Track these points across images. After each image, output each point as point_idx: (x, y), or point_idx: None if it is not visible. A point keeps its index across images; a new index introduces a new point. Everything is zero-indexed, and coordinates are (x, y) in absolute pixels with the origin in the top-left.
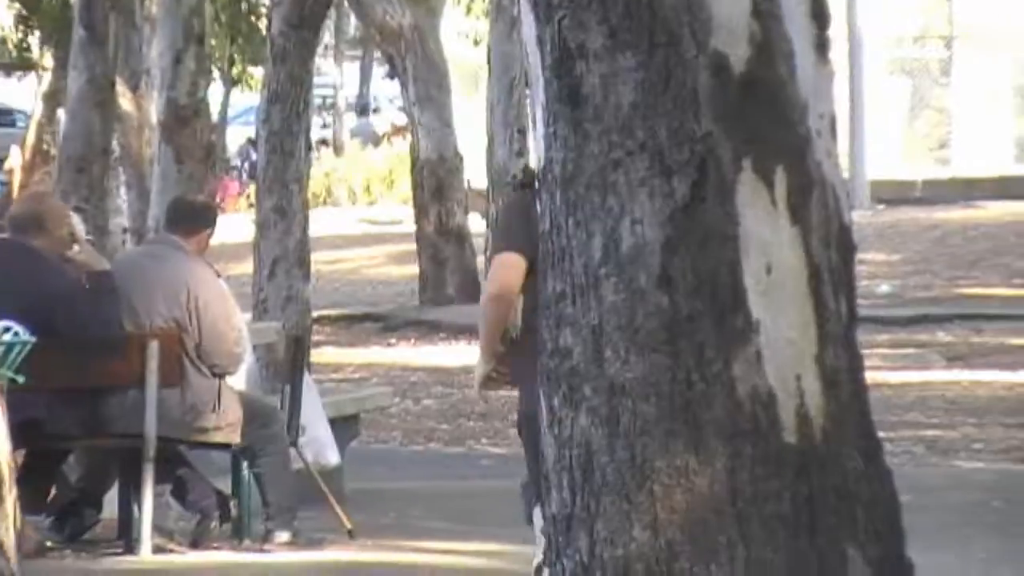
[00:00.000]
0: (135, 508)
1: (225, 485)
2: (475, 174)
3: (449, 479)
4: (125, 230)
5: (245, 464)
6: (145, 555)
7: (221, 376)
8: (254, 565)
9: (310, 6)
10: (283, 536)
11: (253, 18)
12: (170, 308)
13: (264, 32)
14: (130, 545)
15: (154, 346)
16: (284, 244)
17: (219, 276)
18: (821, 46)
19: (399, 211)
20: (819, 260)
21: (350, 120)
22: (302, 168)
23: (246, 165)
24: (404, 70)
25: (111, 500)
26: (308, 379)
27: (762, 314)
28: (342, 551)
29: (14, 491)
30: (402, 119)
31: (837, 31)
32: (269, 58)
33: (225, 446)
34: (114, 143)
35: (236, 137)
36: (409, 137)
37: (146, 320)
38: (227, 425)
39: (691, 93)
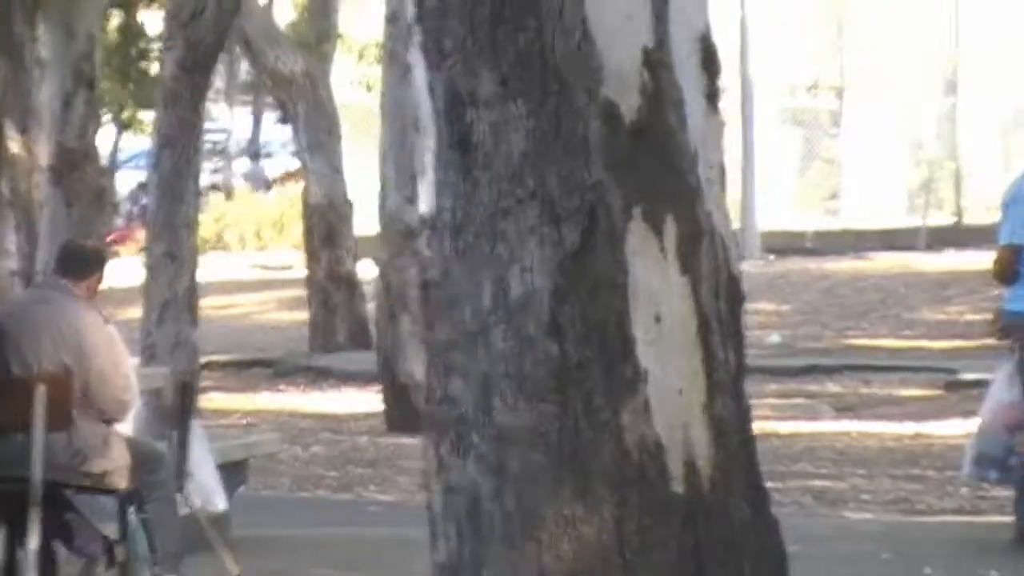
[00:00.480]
0: (20, 553)
1: (112, 530)
2: (368, 220)
3: (337, 526)
4: (13, 273)
5: (132, 509)
6: None
7: (108, 422)
8: None
9: (202, 51)
10: None
11: (144, 63)
12: (58, 352)
13: (154, 76)
14: None
15: (41, 390)
16: (174, 288)
17: (108, 321)
18: (712, 95)
19: (290, 256)
20: (708, 310)
21: (241, 165)
22: (192, 213)
23: (136, 209)
24: (295, 116)
25: None
26: (196, 425)
27: (651, 364)
28: None
29: None
30: (294, 164)
31: (729, 80)
32: (160, 102)
33: (112, 491)
34: (2, 186)
35: (127, 181)
36: (301, 182)
37: (34, 364)
38: (115, 470)
39: (582, 141)
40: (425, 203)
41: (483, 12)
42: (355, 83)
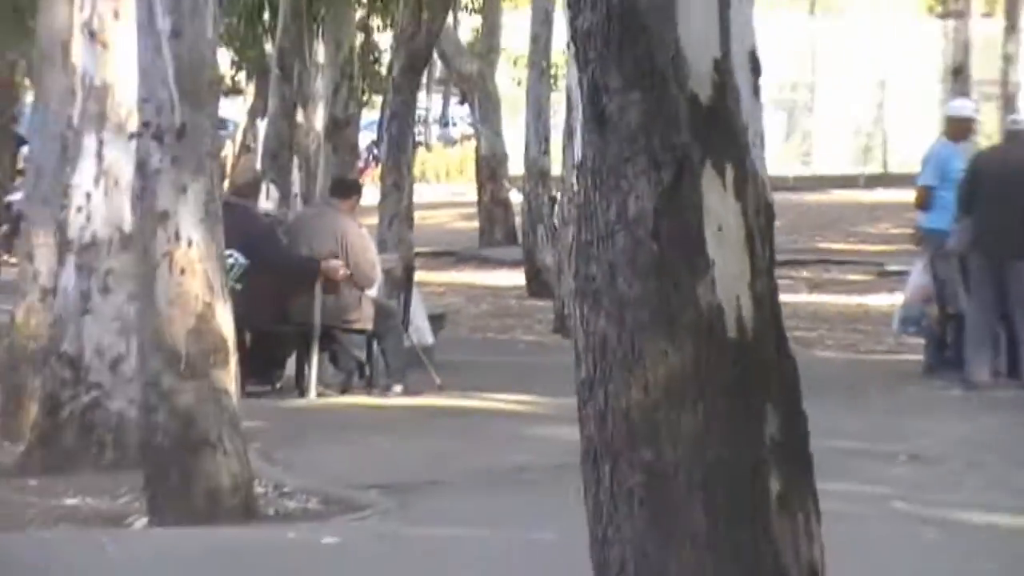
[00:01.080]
0: (306, 369)
1: (362, 356)
2: (517, 166)
3: (499, 355)
4: (296, 196)
5: (375, 343)
6: (312, 399)
7: (361, 288)
8: (380, 405)
9: (417, 58)
10: (398, 388)
11: (377, 65)
12: (329, 246)
13: (385, 73)
14: (303, 392)
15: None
16: (398, 206)
17: (361, 227)
18: (756, 90)
19: (467, 188)
20: (752, 224)
21: (436, 130)
22: (409, 159)
23: (369, 157)
24: (472, 100)
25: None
26: (415, 290)
27: (716, 256)
28: (435, 398)
29: (236, 355)
30: (469, 131)
31: None
32: (390, 89)
33: (363, 331)
34: (293, 141)
35: (364, 140)
36: (474, 141)
37: (316, 252)
38: (364, 318)
39: (675, 117)
40: (577, 153)
41: (615, 34)
42: (511, 80)
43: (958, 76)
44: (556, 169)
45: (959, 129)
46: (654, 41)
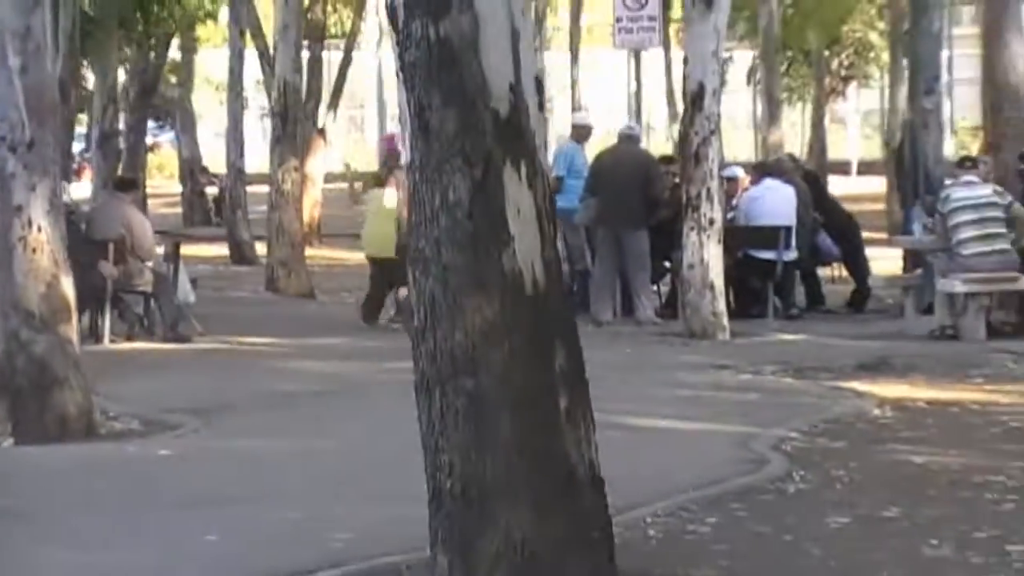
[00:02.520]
0: (99, 322)
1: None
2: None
3: (234, 307)
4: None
5: (153, 301)
6: (106, 344)
7: (143, 260)
8: (161, 349)
9: (147, 85)
10: (171, 335)
11: None
12: (117, 229)
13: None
14: (98, 339)
15: (110, 248)
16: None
17: (141, 212)
18: (540, 106)
19: (161, 183)
20: (540, 206)
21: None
22: (143, 160)
23: (81, 160)
24: (174, 117)
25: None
26: (181, 264)
27: (515, 230)
28: (201, 343)
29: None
30: (157, 140)
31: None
32: (122, 111)
33: (143, 293)
34: None
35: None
36: (162, 149)
37: (107, 235)
38: (145, 283)
39: (481, 128)
40: (405, 155)
41: (434, 65)
42: (216, 101)
43: None
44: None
45: (580, 133)
46: (464, 70)
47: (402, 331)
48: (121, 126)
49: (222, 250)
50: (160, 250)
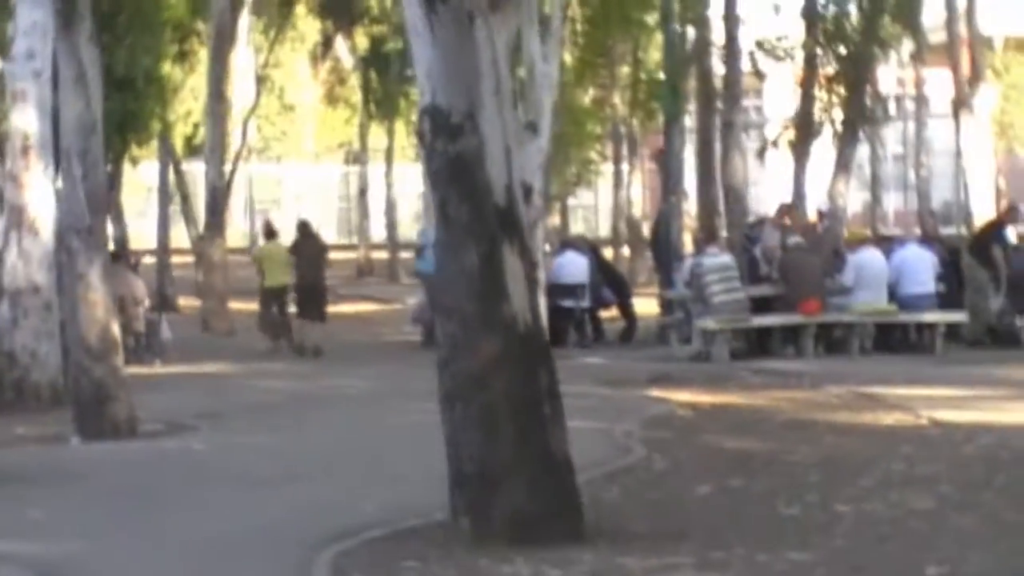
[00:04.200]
0: None
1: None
2: None
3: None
4: None
5: (145, 338)
6: None
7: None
8: (152, 373)
9: None
10: (158, 362)
11: None
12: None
13: None
14: None
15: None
16: None
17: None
18: (528, 201)
19: None
20: (527, 272)
21: None
22: None
23: None
24: None
25: None
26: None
27: (511, 289)
28: (176, 367)
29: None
30: None
31: None
32: None
33: (139, 332)
34: None
35: None
36: None
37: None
38: (140, 325)
39: (488, 217)
40: (435, 237)
41: (453, 172)
42: None
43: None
44: None
45: None
46: (474, 177)
47: (292, 354)
48: None
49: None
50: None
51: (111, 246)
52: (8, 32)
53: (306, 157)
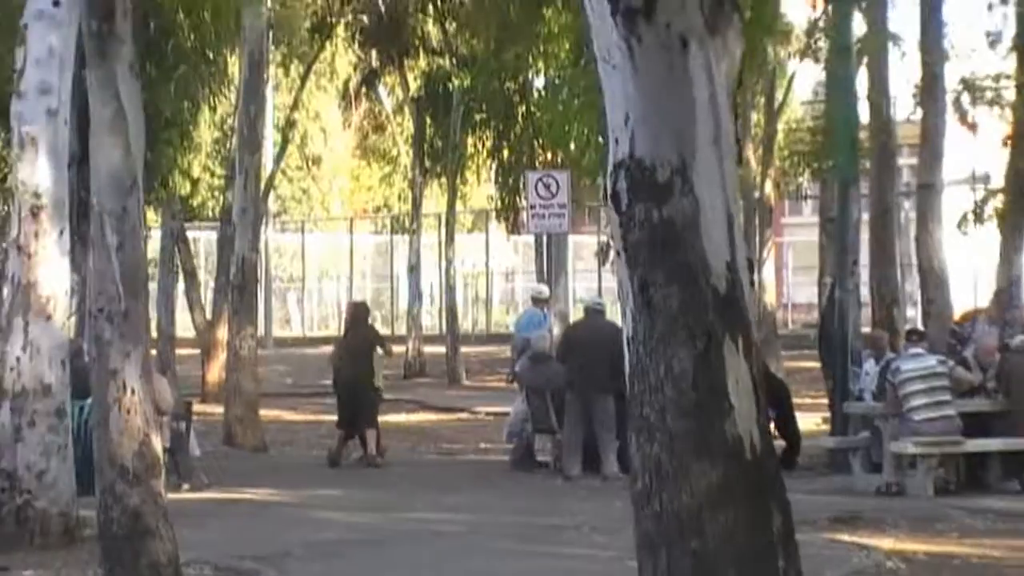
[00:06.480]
0: None
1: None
2: None
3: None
4: None
5: (170, 455)
6: None
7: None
8: (181, 499)
9: None
10: (186, 486)
11: None
12: None
13: None
14: None
15: None
16: None
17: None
18: (752, 283)
19: None
20: (755, 376)
21: None
22: None
23: None
24: None
25: None
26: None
27: (735, 401)
28: (211, 493)
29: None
30: None
31: None
32: None
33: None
34: None
35: None
36: None
37: None
38: (164, 439)
39: (704, 304)
40: (627, 329)
41: (656, 246)
42: None
43: (413, 271)
44: None
45: (540, 302)
46: (687, 250)
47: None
48: None
49: None
50: None
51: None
52: (16, 61)
53: (334, 224)
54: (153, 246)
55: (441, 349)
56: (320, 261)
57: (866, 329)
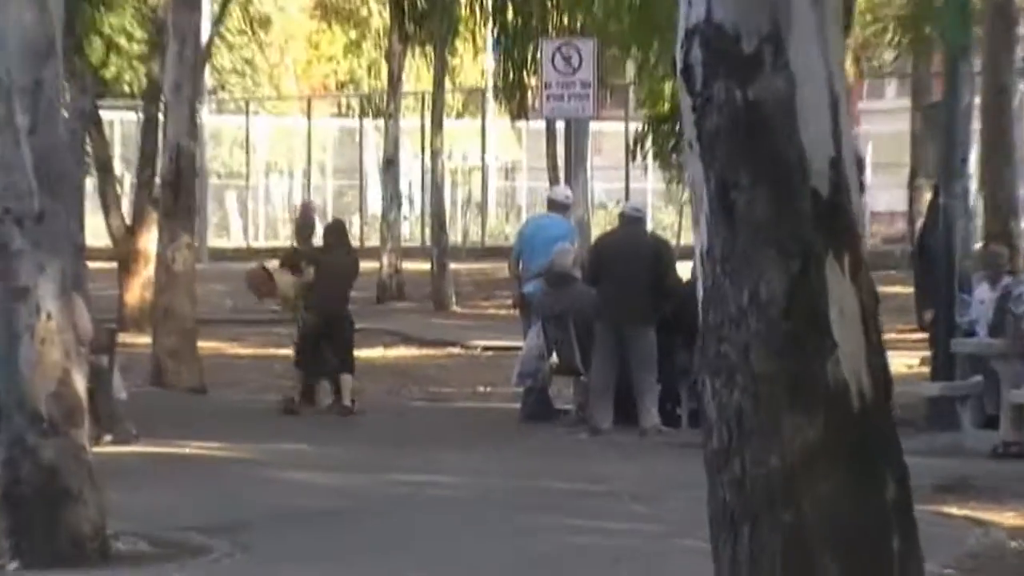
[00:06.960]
0: None
1: None
2: None
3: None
4: None
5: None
6: None
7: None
8: (100, 453)
9: None
10: (108, 437)
11: None
12: None
13: None
14: None
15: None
16: None
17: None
18: (861, 184)
19: None
20: (865, 305)
21: None
22: None
23: None
24: None
25: None
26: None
27: (839, 336)
28: (140, 446)
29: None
30: None
31: None
32: None
33: None
34: None
35: None
36: None
37: None
38: None
39: (799, 211)
40: (700, 243)
41: (742, 135)
42: None
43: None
44: None
45: (557, 208)
46: (780, 141)
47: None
48: None
49: None
50: None
51: None
52: None
53: (286, 105)
54: None
55: (424, 266)
56: (268, 152)
57: (978, 245)
